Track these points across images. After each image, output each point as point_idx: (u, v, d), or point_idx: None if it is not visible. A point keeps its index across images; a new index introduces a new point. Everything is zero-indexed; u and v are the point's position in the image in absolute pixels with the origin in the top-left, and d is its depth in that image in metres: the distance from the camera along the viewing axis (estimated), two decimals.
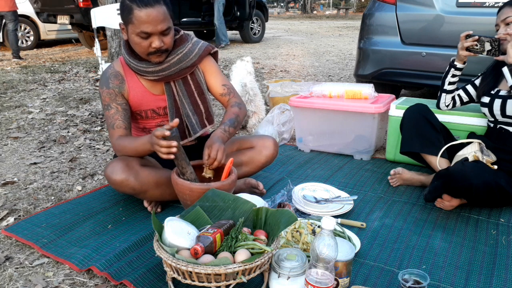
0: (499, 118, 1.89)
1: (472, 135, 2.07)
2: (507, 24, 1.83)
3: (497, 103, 1.87)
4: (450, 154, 1.96)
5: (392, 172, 2.15)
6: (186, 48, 1.76)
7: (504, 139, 1.89)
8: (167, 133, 1.44)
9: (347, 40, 9.98)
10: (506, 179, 1.75)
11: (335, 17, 21.56)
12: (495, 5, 2.58)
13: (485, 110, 1.94)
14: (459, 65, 2.00)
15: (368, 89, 2.54)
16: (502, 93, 1.88)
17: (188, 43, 1.78)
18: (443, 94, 2.12)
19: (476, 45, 1.86)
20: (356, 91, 2.54)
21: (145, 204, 1.84)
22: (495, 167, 1.78)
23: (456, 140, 2.02)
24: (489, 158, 1.82)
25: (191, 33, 1.80)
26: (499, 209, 1.87)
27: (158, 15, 1.57)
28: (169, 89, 1.80)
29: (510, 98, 1.83)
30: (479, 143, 1.88)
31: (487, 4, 2.64)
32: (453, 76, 2.04)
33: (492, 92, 1.92)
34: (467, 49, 1.90)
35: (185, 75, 1.81)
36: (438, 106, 2.17)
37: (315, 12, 26.88)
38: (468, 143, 1.90)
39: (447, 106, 2.15)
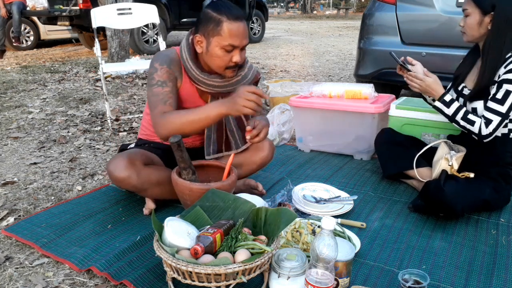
0: None
1: (450, 138, 2.06)
2: (465, 16, 1.78)
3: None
4: (430, 161, 1.97)
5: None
6: (244, 72, 1.80)
7: (475, 139, 1.81)
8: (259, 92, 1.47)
9: (347, 40, 9.98)
10: (490, 190, 1.76)
11: (335, 17, 21.55)
12: None
13: None
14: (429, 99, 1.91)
15: (368, 89, 2.54)
16: (465, 91, 1.86)
17: (245, 66, 1.81)
18: (468, 124, 1.78)
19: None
20: (356, 91, 2.54)
21: (145, 211, 1.83)
22: (471, 175, 1.78)
23: (427, 144, 2.00)
24: (459, 153, 1.82)
25: None
26: (499, 209, 1.87)
27: (245, 29, 1.61)
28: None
29: (469, 100, 1.81)
30: (445, 142, 1.89)
31: None
32: (449, 104, 1.81)
33: (459, 88, 1.90)
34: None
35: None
36: (481, 133, 1.76)
37: (315, 12, 26.84)
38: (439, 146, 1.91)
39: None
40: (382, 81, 3.19)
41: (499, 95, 1.69)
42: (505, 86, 1.68)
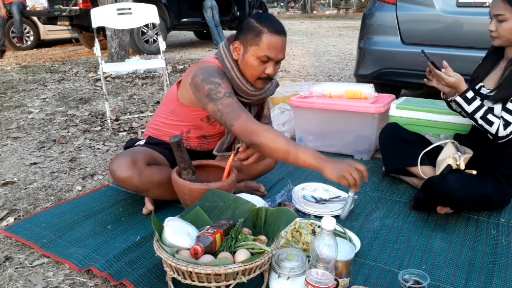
0: None
1: (457, 137, 2.06)
2: (500, 21, 1.72)
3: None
4: (432, 160, 1.96)
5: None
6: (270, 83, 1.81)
7: (486, 139, 1.82)
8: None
9: (347, 40, 9.98)
10: (491, 186, 1.75)
11: (335, 17, 21.54)
12: None
13: None
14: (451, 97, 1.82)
15: (368, 89, 2.54)
16: (483, 91, 1.84)
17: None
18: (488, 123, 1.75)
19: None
20: (356, 91, 2.54)
21: (144, 211, 1.83)
22: (474, 172, 1.78)
23: (433, 143, 1.99)
24: (466, 155, 1.81)
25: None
26: (499, 209, 1.86)
27: (283, 44, 1.63)
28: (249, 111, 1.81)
29: (493, 101, 1.78)
30: (452, 142, 1.89)
31: (487, 4, 2.64)
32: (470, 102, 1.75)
33: (476, 87, 1.88)
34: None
35: (260, 103, 1.88)
36: (498, 134, 1.76)
37: (315, 12, 26.83)
38: (444, 146, 1.90)
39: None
40: (382, 81, 3.18)
41: None
42: None
